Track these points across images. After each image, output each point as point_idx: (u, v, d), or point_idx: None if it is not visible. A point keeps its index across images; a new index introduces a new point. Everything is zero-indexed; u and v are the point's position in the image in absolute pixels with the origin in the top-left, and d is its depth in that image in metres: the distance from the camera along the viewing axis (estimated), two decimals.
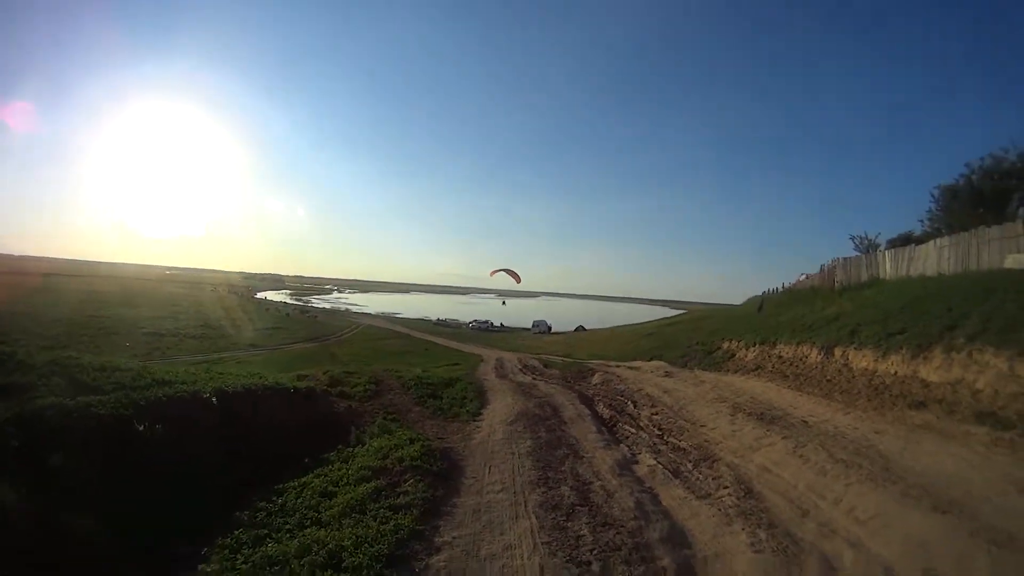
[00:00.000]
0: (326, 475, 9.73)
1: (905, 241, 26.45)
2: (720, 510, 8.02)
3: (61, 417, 8.30)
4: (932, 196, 26.44)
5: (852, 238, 31.94)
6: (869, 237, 31.01)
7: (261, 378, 14.09)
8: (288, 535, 7.39)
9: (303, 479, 9.56)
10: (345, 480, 9.37)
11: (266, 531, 7.58)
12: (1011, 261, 16.41)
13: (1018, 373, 10.05)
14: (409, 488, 8.90)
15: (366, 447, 11.37)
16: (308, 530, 7.48)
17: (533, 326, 79.35)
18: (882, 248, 28.28)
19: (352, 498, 8.45)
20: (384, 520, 7.69)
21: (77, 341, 33.26)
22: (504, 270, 41.89)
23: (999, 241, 17.42)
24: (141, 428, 9.03)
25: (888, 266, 24.34)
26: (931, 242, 21.76)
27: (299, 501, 8.63)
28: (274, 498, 8.74)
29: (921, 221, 27.86)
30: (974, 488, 7.35)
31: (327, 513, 8.06)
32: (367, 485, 8.97)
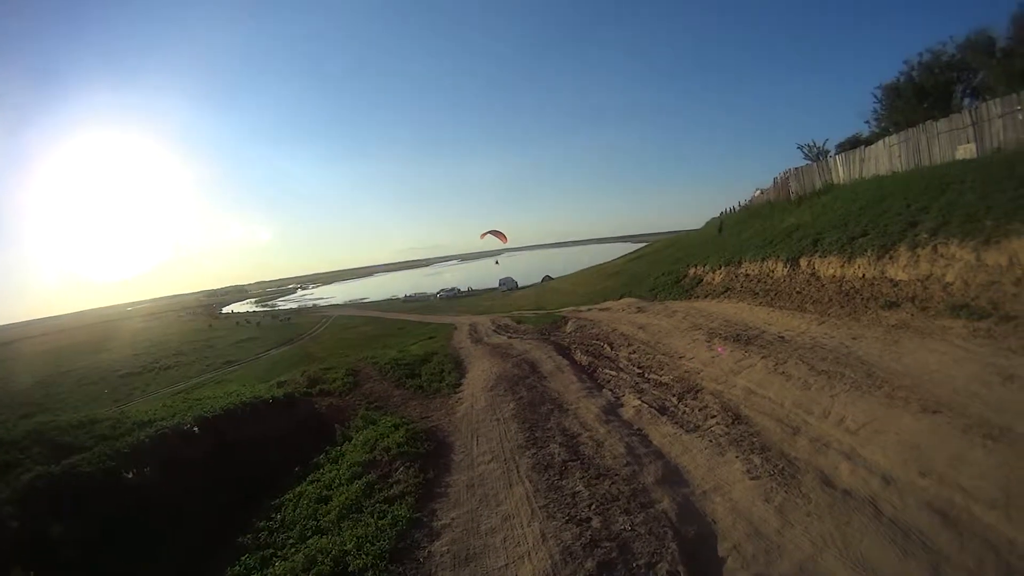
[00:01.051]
0: (319, 480, 9.82)
1: (854, 144, 26.71)
2: (711, 441, 8.05)
3: (50, 486, 8.43)
4: (875, 96, 26.65)
5: (800, 147, 32.15)
6: (818, 144, 31.23)
7: (239, 395, 14.33)
8: (293, 550, 7.45)
9: (297, 489, 9.68)
10: (338, 481, 9.43)
11: (271, 550, 7.67)
12: (962, 151, 16.67)
13: (986, 262, 10.21)
14: (400, 476, 8.97)
15: (353, 442, 11.42)
16: (311, 540, 7.53)
17: (500, 284, 79.97)
18: (832, 154, 28.50)
19: (347, 499, 8.49)
20: (381, 515, 7.72)
21: (55, 399, 33.79)
22: (491, 232, 42.31)
23: (948, 134, 17.65)
24: (130, 475, 9.30)
25: (841, 171, 24.61)
26: (880, 142, 21.99)
27: (297, 513, 8.71)
28: (273, 514, 8.87)
29: (867, 122, 28.15)
30: (959, 383, 7.45)
31: (325, 519, 8.10)
32: (359, 482, 9.02)
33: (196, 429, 11.27)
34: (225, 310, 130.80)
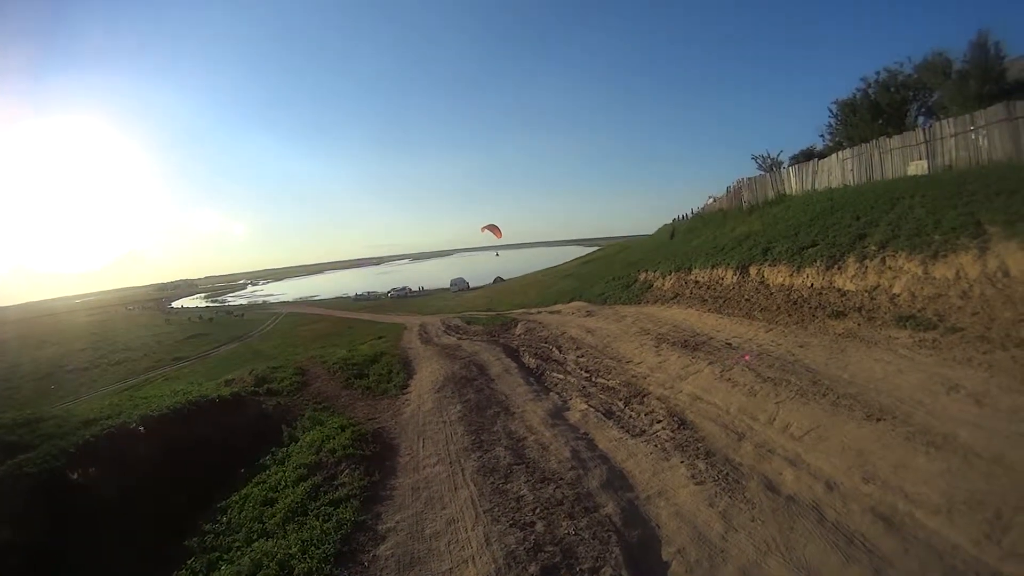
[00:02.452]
0: (264, 482, 9.77)
1: (808, 157, 27.42)
2: (657, 446, 8.11)
3: None
4: (831, 111, 27.36)
5: (755, 158, 32.76)
6: (772, 156, 31.93)
7: (186, 394, 14.23)
8: (239, 553, 7.42)
9: (244, 490, 9.63)
10: (283, 483, 9.39)
11: (218, 554, 7.61)
12: (913, 168, 17.34)
13: (933, 275, 10.65)
14: (346, 479, 8.99)
15: (299, 443, 11.37)
16: (256, 543, 7.50)
17: (452, 285, 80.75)
18: (786, 165, 29.21)
19: (292, 501, 8.46)
20: (326, 517, 7.73)
21: (2, 396, 32.93)
22: (488, 227, 42.93)
23: (900, 150, 18.34)
24: (75, 476, 9.26)
25: (793, 182, 25.30)
26: (834, 155, 22.68)
27: (243, 515, 8.66)
28: (219, 516, 8.85)
29: (822, 136, 28.87)
30: (903, 392, 7.69)
31: (271, 522, 8.07)
32: (305, 484, 9.00)
33: (142, 428, 11.14)
34: (175, 304, 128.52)
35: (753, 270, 16.87)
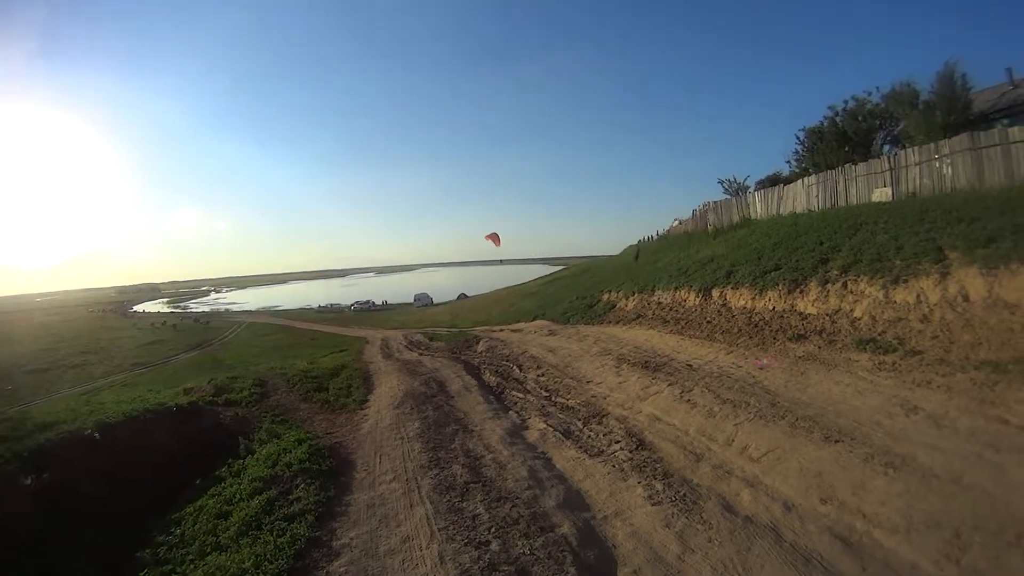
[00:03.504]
0: (219, 494, 9.69)
1: (774, 182, 28.14)
2: (614, 466, 8.10)
3: None
4: (798, 138, 28.17)
5: (721, 182, 33.51)
6: (738, 180, 32.66)
7: (144, 401, 14.09)
8: (192, 567, 7.36)
9: (198, 502, 9.56)
10: (238, 496, 9.33)
11: (170, 567, 7.52)
12: (878, 195, 17.92)
13: (894, 299, 10.94)
14: (301, 493, 8.97)
15: (256, 456, 11.33)
16: (210, 557, 7.46)
17: (415, 300, 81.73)
18: (752, 190, 29.88)
19: (247, 515, 8.41)
20: (280, 533, 7.70)
21: None
22: (490, 236, 43.51)
23: (866, 177, 19.02)
24: (28, 481, 9.14)
25: (759, 207, 25.90)
26: (799, 181, 23.36)
27: (197, 527, 8.59)
28: (173, 528, 8.76)
29: (788, 162, 29.72)
30: (862, 414, 7.80)
31: (225, 535, 8.01)
32: (260, 497, 8.96)
33: (97, 435, 11.01)
34: (136, 308, 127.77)
35: (716, 292, 17.09)
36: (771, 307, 14.05)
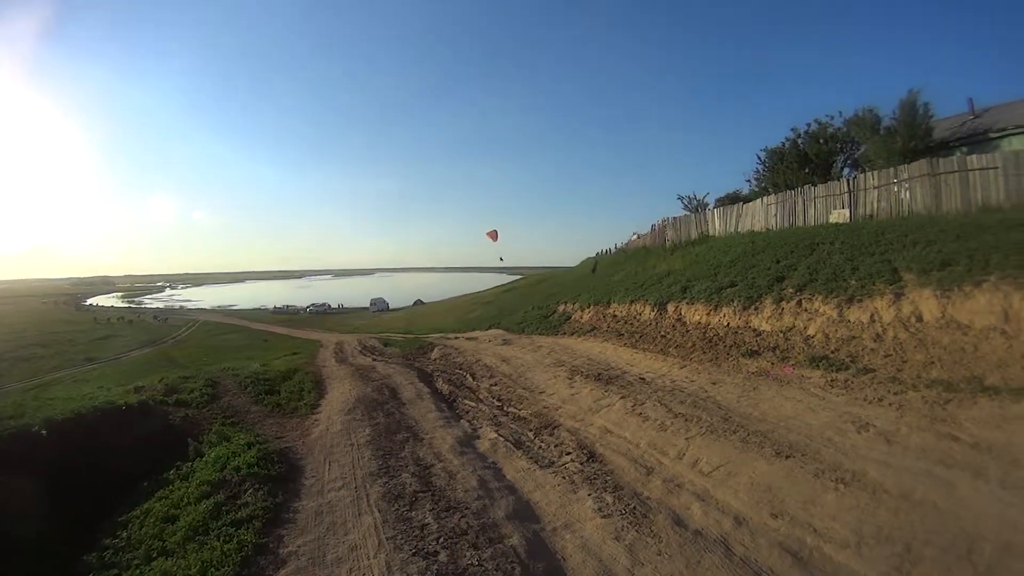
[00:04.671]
0: (167, 497, 9.61)
1: (733, 200, 28.76)
2: (565, 478, 8.08)
3: None
4: (759, 158, 28.81)
5: (680, 198, 34.08)
6: (698, 197, 33.23)
7: (93, 399, 14.05)
8: (138, 571, 7.34)
9: (145, 505, 9.49)
10: (186, 500, 9.25)
11: (117, 571, 7.49)
12: (836, 216, 18.50)
13: (848, 318, 11.25)
14: (249, 499, 8.91)
15: (205, 459, 11.24)
16: (156, 562, 7.43)
17: (371, 304, 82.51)
18: (711, 207, 30.44)
19: (194, 519, 8.36)
20: (227, 538, 7.63)
21: None
22: (491, 232, 43.94)
23: (824, 198, 19.62)
24: None
25: (717, 224, 26.40)
26: (759, 200, 23.94)
27: (143, 531, 8.53)
28: (119, 532, 8.69)
29: (748, 181, 30.40)
30: (814, 430, 7.96)
31: (171, 540, 7.95)
32: (207, 502, 8.90)
33: (44, 432, 10.85)
34: (89, 301, 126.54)
35: (671, 307, 17.34)
36: (726, 323, 14.30)
